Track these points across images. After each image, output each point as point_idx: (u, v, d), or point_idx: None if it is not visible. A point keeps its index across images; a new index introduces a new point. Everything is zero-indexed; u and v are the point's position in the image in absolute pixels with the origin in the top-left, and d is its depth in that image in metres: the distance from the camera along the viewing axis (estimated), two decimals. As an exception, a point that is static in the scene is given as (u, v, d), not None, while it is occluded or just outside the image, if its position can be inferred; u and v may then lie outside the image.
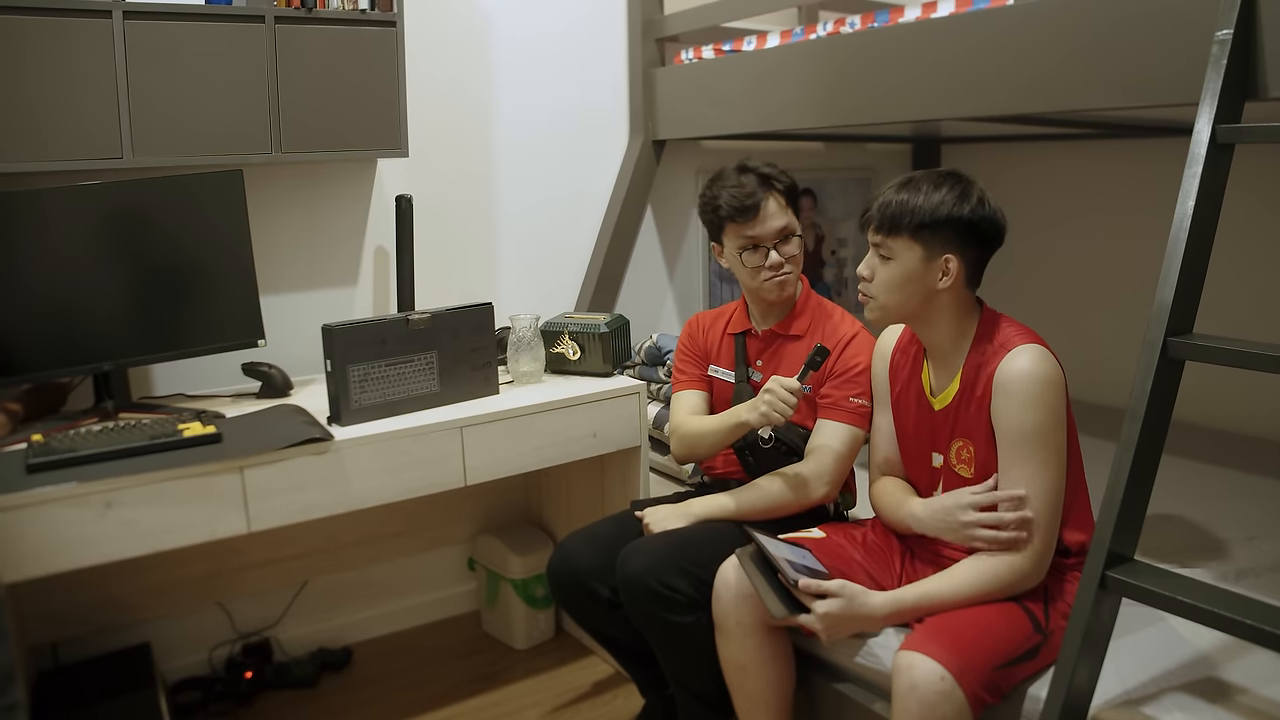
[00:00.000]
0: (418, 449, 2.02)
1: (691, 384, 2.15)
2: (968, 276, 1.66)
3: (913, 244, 1.63)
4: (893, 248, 1.65)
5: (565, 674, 2.52)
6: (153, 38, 2.03)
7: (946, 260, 1.62)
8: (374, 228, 2.61)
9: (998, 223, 1.64)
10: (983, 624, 1.55)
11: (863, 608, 1.58)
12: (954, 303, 1.67)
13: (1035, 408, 1.56)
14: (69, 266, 1.99)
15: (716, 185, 2.00)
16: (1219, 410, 2.91)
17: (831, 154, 3.60)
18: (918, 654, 1.47)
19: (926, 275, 1.63)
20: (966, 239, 1.62)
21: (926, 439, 1.77)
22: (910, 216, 1.62)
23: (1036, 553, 1.58)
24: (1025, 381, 1.57)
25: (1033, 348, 1.59)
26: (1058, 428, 1.58)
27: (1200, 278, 1.42)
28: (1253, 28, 1.43)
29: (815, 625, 1.58)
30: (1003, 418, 1.59)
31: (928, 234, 1.62)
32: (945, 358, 1.71)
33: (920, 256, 1.63)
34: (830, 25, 2.36)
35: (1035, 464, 1.57)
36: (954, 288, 1.64)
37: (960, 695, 1.43)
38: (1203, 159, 1.40)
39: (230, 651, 2.50)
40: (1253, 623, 1.24)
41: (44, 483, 1.66)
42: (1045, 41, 1.82)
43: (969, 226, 1.61)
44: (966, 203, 1.61)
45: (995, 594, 1.59)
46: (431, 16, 2.62)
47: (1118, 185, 3.19)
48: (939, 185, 1.63)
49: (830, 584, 1.57)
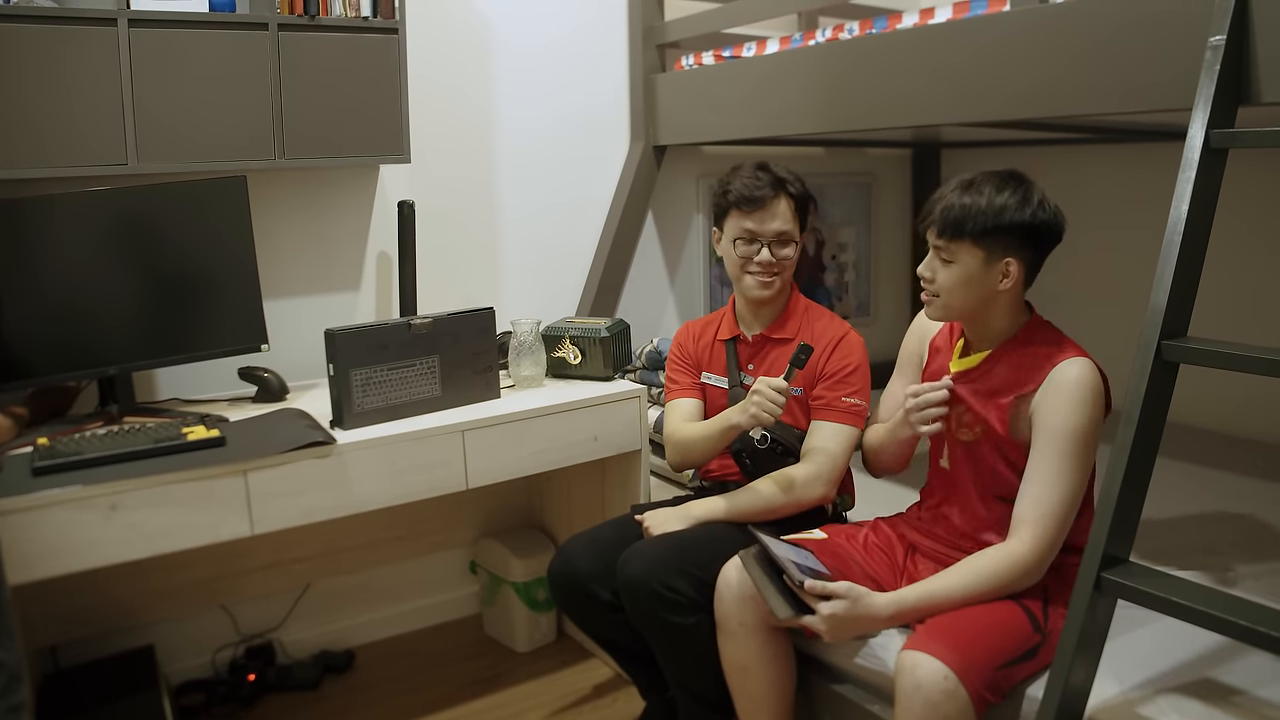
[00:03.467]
0: (420, 453, 2.04)
1: (684, 392, 2.16)
2: (1026, 279, 1.69)
3: (974, 248, 1.64)
4: (954, 251, 1.66)
5: (566, 677, 2.53)
6: (157, 45, 2.05)
7: (1007, 264, 1.64)
8: (376, 233, 2.63)
9: (1057, 224, 1.66)
10: (984, 623, 1.56)
11: (867, 609, 1.59)
12: (1011, 303, 1.70)
13: (1083, 411, 1.59)
14: (75, 272, 2.01)
15: (733, 174, 2.04)
16: (1214, 413, 2.92)
17: (832, 159, 3.61)
18: (921, 654, 1.47)
19: (987, 278, 1.66)
20: (1026, 242, 1.64)
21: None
22: (973, 222, 1.62)
23: (1041, 546, 1.59)
24: (1081, 386, 1.60)
25: (1089, 361, 1.64)
26: (1095, 436, 1.62)
27: (1194, 281, 1.43)
28: (1245, 33, 1.44)
29: (819, 627, 1.58)
30: (1050, 414, 1.62)
31: (990, 239, 1.63)
32: (979, 345, 1.75)
33: (981, 260, 1.65)
34: (829, 31, 2.37)
35: (1068, 463, 1.59)
36: (1014, 289, 1.67)
37: (964, 694, 1.44)
38: (1196, 163, 1.41)
39: (233, 654, 2.51)
40: (1247, 624, 1.25)
41: (50, 485, 1.67)
42: (1041, 47, 1.84)
43: (1030, 230, 1.63)
44: (1028, 207, 1.62)
45: (998, 591, 1.60)
46: (433, 23, 2.64)
47: (1113, 189, 3.20)
48: (1000, 189, 1.63)
49: (836, 585, 1.58)
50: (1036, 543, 1.59)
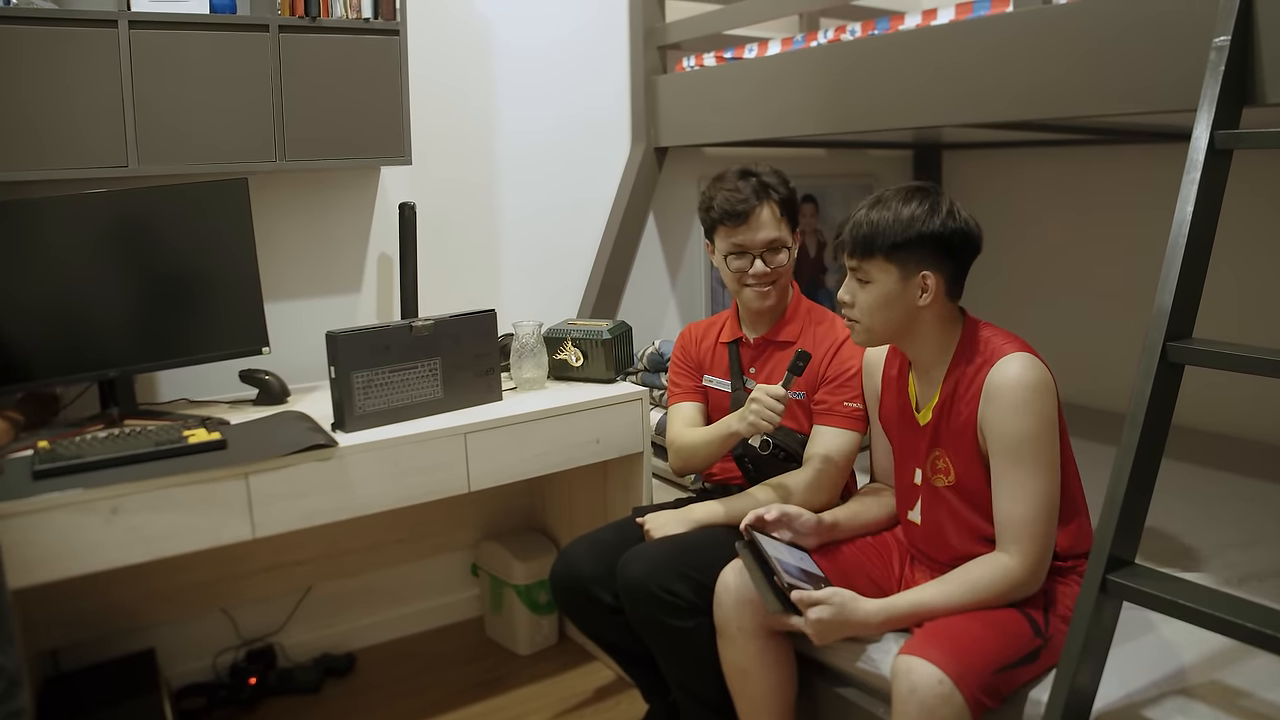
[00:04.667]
0: (421, 455, 2.03)
1: (686, 396, 2.15)
2: (948, 290, 1.64)
3: (888, 264, 1.62)
4: (869, 270, 1.64)
5: (568, 680, 2.52)
6: (158, 47, 2.05)
7: (924, 277, 1.61)
8: (377, 235, 2.63)
9: (970, 233, 1.62)
10: (983, 627, 1.55)
11: (854, 614, 1.57)
12: (937, 317, 1.66)
13: (1027, 414, 1.55)
14: (76, 274, 2.00)
15: (715, 186, 2.01)
16: (1219, 415, 2.91)
17: (833, 160, 3.61)
18: (917, 658, 1.47)
19: (906, 294, 1.62)
20: (940, 253, 1.61)
21: (910, 454, 1.77)
22: (882, 237, 1.60)
23: (1031, 559, 1.56)
24: (1016, 388, 1.56)
25: (1021, 355, 1.58)
26: (1049, 433, 1.57)
27: (1199, 282, 1.43)
28: (1250, 34, 1.44)
29: (806, 630, 1.57)
30: (994, 425, 1.58)
31: (902, 253, 1.60)
32: (928, 371, 1.71)
33: (897, 277, 1.62)
34: (831, 33, 2.37)
35: (1028, 469, 1.56)
36: (935, 303, 1.63)
37: (959, 699, 1.43)
38: (1201, 164, 1.40)
39: (234, 657, 2.51)
40: (1254, 626, 1.24)
41: (51, 489, 1.67)
42: (1045, 48, 1.83)
43: (941, 240, 1.60)
44: (936, 216, 1.59)
45: (989, 602, 1.58)
46: (434, 25, 2.64)
47: (1118, 191, 3.19)
48: (907, 201, 1.61)
49: (819, 593, 1.57)
50: (1025, 557, 1.56)
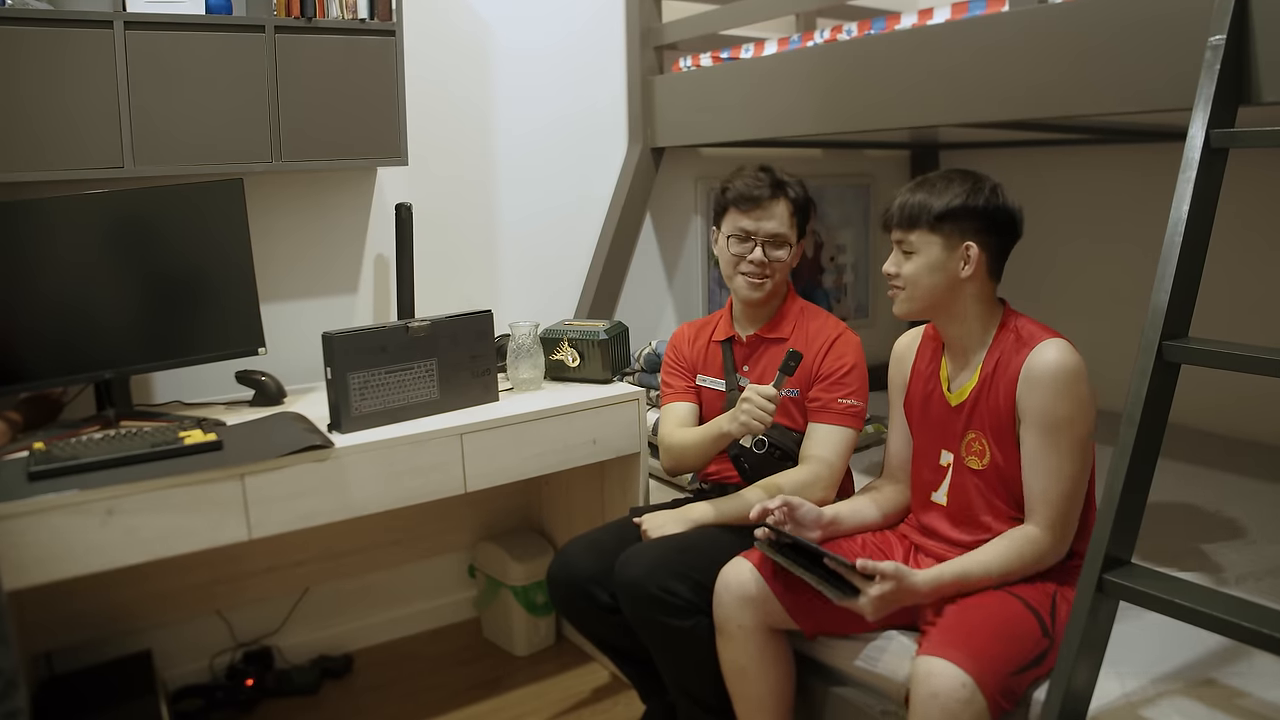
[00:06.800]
0: (418, 456, 2.03)
1: (679, 396, 2.15)
2: (989, 266, 1.70)
3: (932, 236, 1.69)
4: (914, 242, 1.71)
5: (566, 680, 2.52)
6: (154, 48, 2.04)
7: (967, 248, 1.68)
8: (374, 236, 2.62)
9: (1012, 211, 1.71)
10: (998, 627, 1.54)
11: (911, 586, 1.57)
12: (979, 295, 1.71)
13: (1066, 398, 1.61)
14: (71, 275, 2.00)
15: (737, 173, 2.04)
16: (1216, 414, 2.91)
17: (830, 161, 3.61)
18: (938, 660, 1.45)
19: (949, 264, 1.69)
20: (982, 227, 1.68)
21: (937, 437, 1.80)
22: (928, 209, 1.68)
23: (1057, 531, 1.63)
24: (1056, 372, 1.61)
25: (1060, 342, 1.64)
26: (1085, 418, 1.63)
27: (1195, 281, 1.43)
28: (1245, 33, 1.44)
29: (865, 608, 1.55)
30: (1032, 408, 1.63)
31: (946, 225, 1.68)
32: (966, 354, 1.75)
33: (941, 246, 1.69)
34: (827, 33, 2.37)
35: (1063, 452, 1.61)
36: (977, 277, 1.69)
37: (981, 701, 1.42)
38: (1197, 163, 1.41)
39: (231, 659, 2.50)
40: (1251, 626, 1.24)
41: (46, 490, 1.67)
42: (1040, 48, 1.83)
43: (983, 214, 1.68)
44: (980, 194, 1.68)
45: (1023, 570, 1.63)
46: (431, 25, 2.63)
47: (1114, 190, 3.19)
48: (951, 181, 1.70)
49: (883, 565, 1.55)
50: (1052, 529, 1.63)
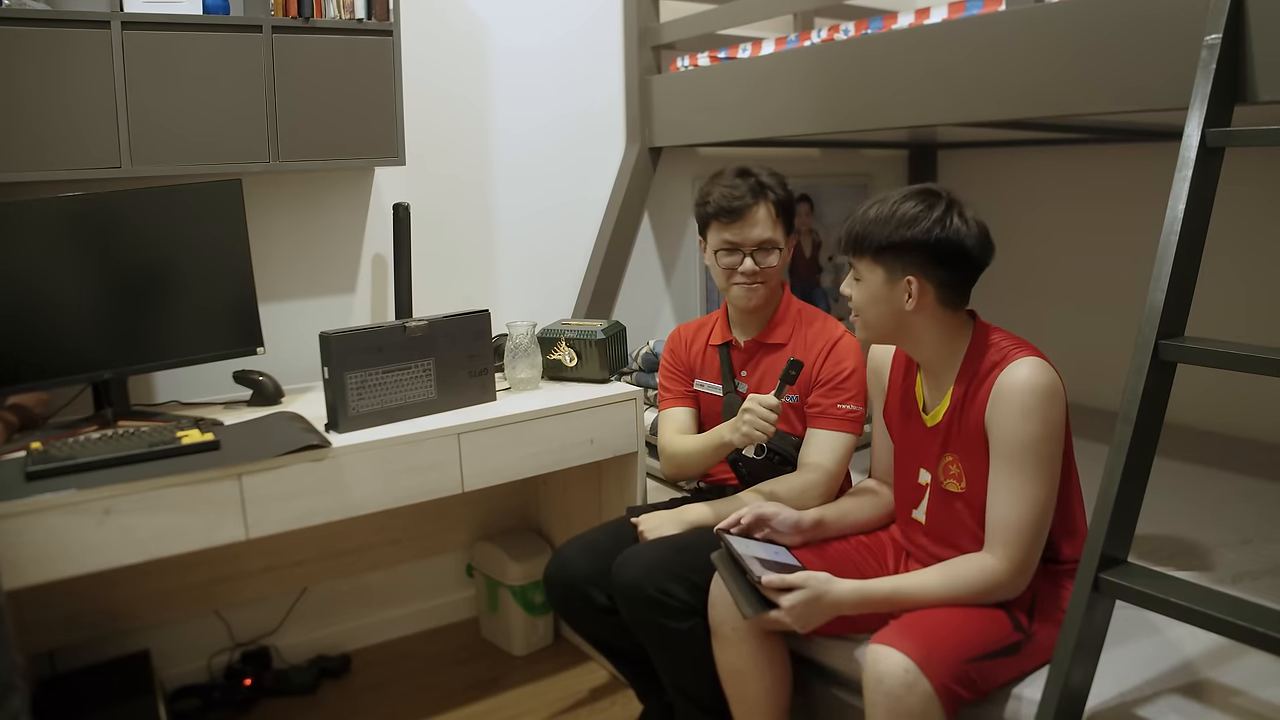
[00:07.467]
0: (415, 456, 2.03)
1: (677, 401, 2.15)
2: (940, 297, 1.61)
3: (874, 266, 1.63)
4: (859, 269, 1.66)
5: (564, 680, 2.52)
6: (151, 48, 2.04)
7: (909, 282, 1.60)
8: (371, 236, 2.62)
9: (960, 244, 1.57)
10: (956, 619, 1.55)
11: (828, 595, 1.55)
12: (933, 323, 1.64)
13: (1033, 419, 1.54)
14: (68, 275, 1.99)
15: (713, 182, 2.02)
16: (1212, 413, 2.91)
17: (828, 160, 3.61)
18: (884, 646, 1.48)
19: (891, 297, 1.62)
20: (926, 260, 1.58)
21: (915, 455, 1.76)
22: (870, 239, 1.61)
23: (1015, 564, 1.55)
24: (1024, 393, 1.54)
25: (1032, 360, 1.57)
26: (1053, 440, 1.55)
27: (1191, 280, 1.43)
28: (1241, 32, 1.44)
29: (785, 619, 1.56)
30: (999, 428, 1.57)
31: (888, 256, 1.60)
32: (936, 374, 1.70)
33: (883, 278, 1.62)
34: (824, 32, 2.37)
35: (1028, 475, 1.54)
36: (924, 309, 1.61)
37: (926, 685, 1.43)
38: (1193, 162, 1.41)
39: (229, 659, 2.50)
40: (1247, 625, 1.24)
41: (43, 490, 1.66)
42: (1037, 47, 1.83)
43: (926, 248, 1.57)
44: (925, 223, 1.56)
45: (967, 599, 1.57)
46: (428, 25, 2.63)
47: (1111, 189, 3.20)
48: (903, 203, 1.60)
49: (793, 577, 1.55)
50: (1011, 562, 1.55)
